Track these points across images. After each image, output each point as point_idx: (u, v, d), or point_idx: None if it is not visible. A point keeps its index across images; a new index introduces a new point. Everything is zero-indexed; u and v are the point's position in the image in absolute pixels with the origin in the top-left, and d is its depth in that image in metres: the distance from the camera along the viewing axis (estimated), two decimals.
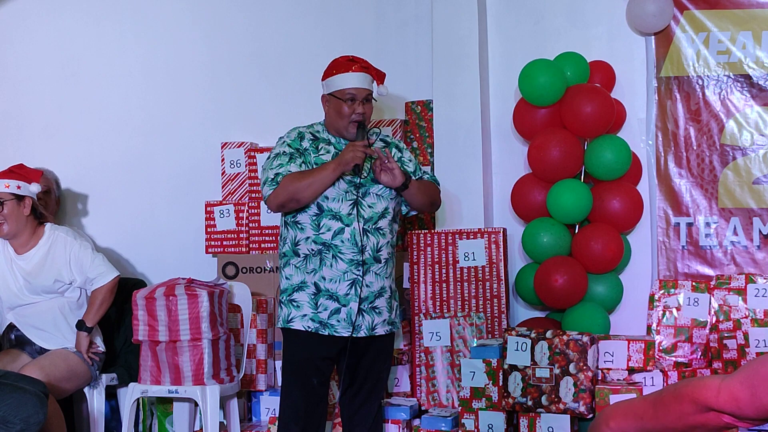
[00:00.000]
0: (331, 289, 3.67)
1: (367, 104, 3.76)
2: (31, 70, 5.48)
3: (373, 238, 3.69)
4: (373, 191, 3.73)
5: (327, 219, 3.67)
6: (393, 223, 3.80)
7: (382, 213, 3.73)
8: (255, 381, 4.50)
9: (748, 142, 4.52)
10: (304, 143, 3.77)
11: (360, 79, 3.75)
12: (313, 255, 3.69)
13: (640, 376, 3.96)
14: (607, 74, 4.61)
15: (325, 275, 3.67)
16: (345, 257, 3.66)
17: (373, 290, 3.71)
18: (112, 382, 4.55)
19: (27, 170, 4.42)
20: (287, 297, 3.74)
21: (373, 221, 3.70)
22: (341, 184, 3.68)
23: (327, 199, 3.67)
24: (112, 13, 5.40)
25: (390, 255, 3.77)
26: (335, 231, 3.66)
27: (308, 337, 3.69)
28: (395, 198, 3.79)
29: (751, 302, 4.18)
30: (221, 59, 5.27)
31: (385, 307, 3.74)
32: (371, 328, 3.71)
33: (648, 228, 4.62)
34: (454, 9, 4.72)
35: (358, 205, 3.68)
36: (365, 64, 3.80)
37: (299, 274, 3.72)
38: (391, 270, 3.79)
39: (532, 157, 4.47)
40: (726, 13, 4.54)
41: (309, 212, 3.70)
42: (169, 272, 4.58)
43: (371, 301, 3.70)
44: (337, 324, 3.67)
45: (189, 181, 5.22)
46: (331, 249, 3.66)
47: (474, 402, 4.01)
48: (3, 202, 4.25)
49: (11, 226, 4.27)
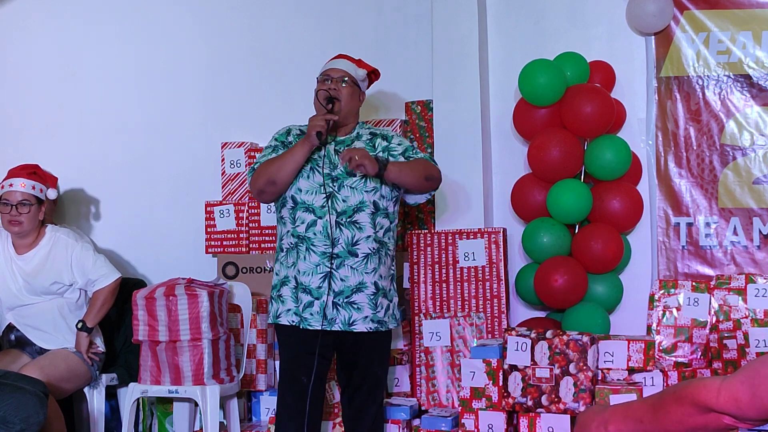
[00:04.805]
0: (305, 282, 3.68)
1: (343, 86, 3.79)
2: (31, 70, 5.48)
3: (347, 231, 3.67)
4: (348, 183, 3.72)
5: (301, 212, 3.70)
6: (378, 217, 3.73)
7: (357, 206, 3.71)
8: (255, 381, 4.51)
9: (748, 142, 4.52)
10: (289, 137, 3.86)
11: (336, 62, 3.87)
12: (291, 248, 3.73)
13: (640, 376, 3.95)
14: (607, 74, 4.61)
15: (300, 268, 3.70)
16: (317, 250, 3.66)
17: (349, 285, 3.68)
18: (112, 382, 4.55)
19: (45, 173, 4.48)
20: (276, 293, 3.79)
21: (347, 214, 3.69)
22: (316, 177, 3.70)
23: (300, 192, 3.70)
24: (112, 13, 5.40)
25: (373, 251, 3.71)
26: (308, 223, 3.68)
27: (292, 331, 3.72)
28: (374, 192, 3.73)
29: (751, 302, 4.17)
30: (221, 59, 5.27)
31: (366, 304, 3.70)
32: (348, 323, 3.69)
33: (648, 228, 4.62)
34: (454, 9, 4.72)
35: (333, 198, 3.69)
36: (349, 58, 3.88)
37: (283, 269, 3.77)
38: (375, 266, 3.72)
39: (532, 157, 4.46)
40: (726, 13, 4.54)
41: (287, 206, 3.74)
42: (169, 272, 4.58)
43: (347, 295, 3.68)
44: (310, 317, 3.67)
45: (189, 181, 5.22)
46: (305, 241, 3.68)
47: (474, 402, 4.01)
48: (30, 205, 4.28)
49: (26, 226, 4.30)
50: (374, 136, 3.88)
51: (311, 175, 3.71)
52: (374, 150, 3.81)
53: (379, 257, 3.74)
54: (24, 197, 4.28)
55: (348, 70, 3.83)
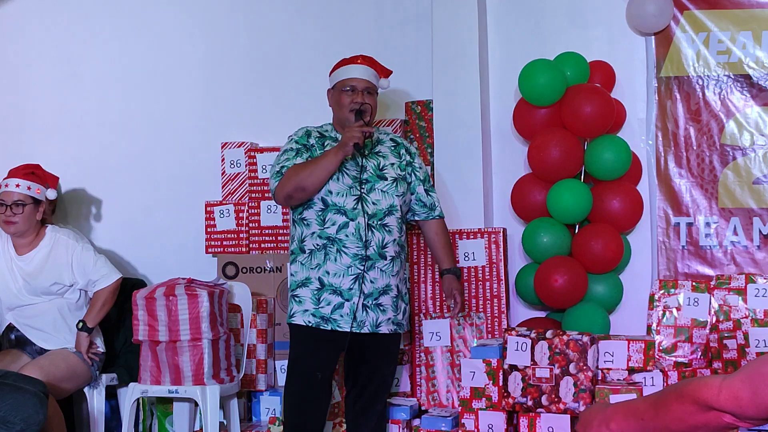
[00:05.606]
0: (335, 283, 3.68)
1: (368, 96, 3.79)
2: (31, 70, 5.47)
3: (379, 234, 3.70)
4: (378, 187, 3.75)
5: (332, 213, 3.70)
6: (401, 222, 3.82)
7: (388, 210, 3.74)
8: (255, 381, 4.50)
9: (748, 142, 4.52)
10: (311, 140, 3.83)
11: (361, 71, 3.83)
12: (318, 250, 3.71)
13: (640, 376, 3.95)
14: (607, 74, 4.61)
15: (329, 270, 3.69)
16: (349, 252, 3.68)
17: (377, 287, 3.71)
18: (112, 382, 4.55)
19: (45, 173, 4.46)
20: (291, 293, 3.78)
21: (378, 217, 3.72)
22: (345, 179, 3.71)
23: (331, 194, 3.70)
24: (112, 13, 5.39)
25: (397, 254, 3.78)
26: (340, 225, 3.68)
27: (309, 332, 3.71)
28: (402, 196, 3.80)
29: (751, 302, 4.17)
30: (221, 59, 5.26)
31: (390, 306, 3.75)
32: (375, 325, 3.72)
33: (648, 228, 4.62)
34: (454, 9, 4.72)
35: (363, 201, 3.69)
36: (370, 59, 3.84)
37: (304, 271, 3.75)
38: (398, 269, 3.79)
39: (532, 157, 4.47)
40: (726, 13, 4.54)
41: (314, 208, 3.73)
42: (169, 272, 4.58)
43: (375, 297, 3.71)
44: (339, 319, 3.69)
45: (189, 181, 5.22)
46: (336, 243, 3.68)
47: (474, 402, 4.01)
48: (23, 204, 4.27)
49: (21, 226, 4.29)
50: (397, 145, 3.93)
51: (341, 177, 3.72)
52: (399, 158, 3.87)
53: (400, 260, 3.82)
54: (19, 197, 4.27)
55: (372, 81, 3.84)
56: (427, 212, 3.96)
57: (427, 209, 3.95)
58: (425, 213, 3.96)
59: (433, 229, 3.99)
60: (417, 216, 3.97)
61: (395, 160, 3.87)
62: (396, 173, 3.83)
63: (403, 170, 3.87)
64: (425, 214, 3.96)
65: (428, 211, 3.96)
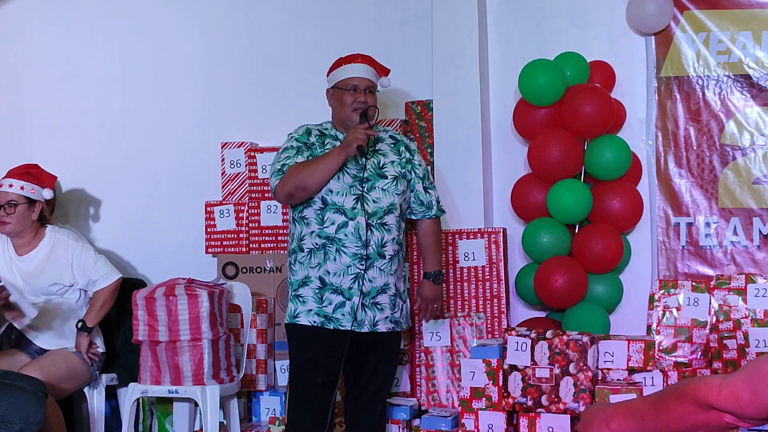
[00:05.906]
0: (336, 282, 3.69)
1: (370, 95, 3.79)
2: (31, 70, 5.47)
3: (378, 234, 3.70)
4: (379, 185, 3.75)
5: (331, 213, 3.69)
6: (401, 220, 3.82)
7: (388, 208, 3.74)
8: (255, 381, 4.50)
9: (748, 142, 4.52)
10: (311, 138, 3.83)
11: (362, 70, 3.83)
12: (317, 249, 3.71)
13: (640, 376, 3.95)
14: (607, 74, 4.61)
15: (329, 269, 3.69)
16: (348, 251, 3.67)
17: (375, 286, 3.71)
18: (112, 382, 4.55)
19: (42, 173, 4.45)
20: (293, 292, 3.77)
21: (378, 216, 3.72)
22: (346, 178, 3.71)
23: (331, 193, 3.69)
24: (112, 13, 5.39)
25: (396, 252, 3.77)
26: (339, 224, 3.68)
27: (314, 331, 3.71)
28: (402, 194, 3.81)
29: (751, 302, 4.17)
30: (221, 59, 5.26)
31: (387, 304, 3.75)
32: (373, 323, 3.72)
33: (648, 228, 4.62)
34: (454, 9, 4.72)
35: (363, 200, 3.70)
36: (369, 58, 3.84)
37: (303, 270, 3.74)
38: (397, 268, 3.79)
39: (532, 157, 4.47)
40: (726, 13, 4.54)
41: (314, 207, 3.72)
42: (169, 272, 4.58)
43: (373, 296, 3.71)
44: (341, 318, 3.69)
45: (189, 181, 5.22)
46: (335, 243, 3.68)
47: (474, 402, 4.01)
48: (16, 205, 4.27)
49: (15, 226, 4.29)
50: (397, 143, 3.92)
51: (341, 176, 3.71)
52: (399, 156, 3.86)
53: (398, 259, 3.81)
54: (12, 197, 4.27)
55: (372, 80, 3.85)
56: (424, 211, 3.96)
57: (424, 208, 3.95)
58: (422, 212, 3.96)
59: (423, 229, 3.99)
60: (414, 214, 3.96)
61: (395, 158, 3.87)
62: (396, 171, 3.83)
63: (403, 168, 3.87)
64: (422, 213, 3.96)
65: (425, 210, 3.96)
